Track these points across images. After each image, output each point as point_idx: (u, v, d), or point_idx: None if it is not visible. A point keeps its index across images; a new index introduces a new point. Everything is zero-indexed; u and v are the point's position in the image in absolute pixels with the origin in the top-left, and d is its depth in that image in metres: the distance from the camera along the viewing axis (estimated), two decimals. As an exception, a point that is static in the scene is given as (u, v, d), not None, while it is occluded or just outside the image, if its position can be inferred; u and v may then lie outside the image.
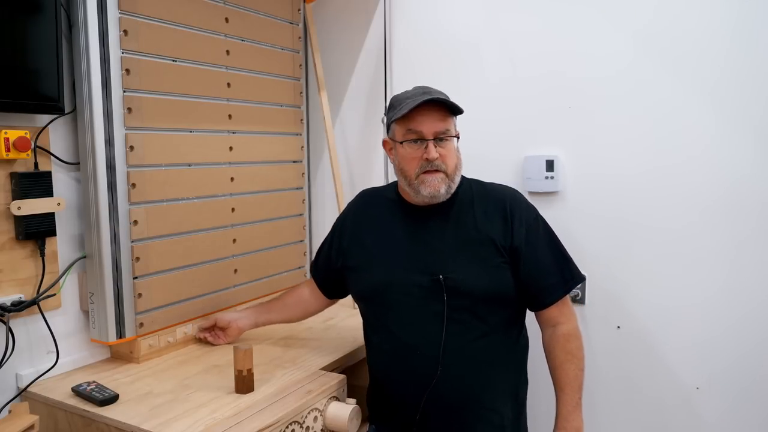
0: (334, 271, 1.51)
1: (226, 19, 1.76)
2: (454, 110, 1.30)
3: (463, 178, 1.40)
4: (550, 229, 1.39)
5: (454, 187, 1.33)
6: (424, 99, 1.26)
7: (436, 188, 1.29)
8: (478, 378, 1.30)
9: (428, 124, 1.28)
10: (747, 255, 1.57)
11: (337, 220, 1.56)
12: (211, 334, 1.65)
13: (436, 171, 1.29)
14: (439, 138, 1.29)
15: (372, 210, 1.46)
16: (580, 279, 1.37)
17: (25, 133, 1.33)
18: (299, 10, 2.06)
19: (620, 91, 1.69)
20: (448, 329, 1.27)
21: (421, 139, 1.29)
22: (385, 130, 1.41)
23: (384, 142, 1.41)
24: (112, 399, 1.28)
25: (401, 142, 1.32)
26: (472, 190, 1.38)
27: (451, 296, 1.28)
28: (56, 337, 1.42)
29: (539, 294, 1.33)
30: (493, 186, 1.42)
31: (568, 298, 1.37)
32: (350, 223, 1.49)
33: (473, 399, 1.29)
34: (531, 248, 1.32)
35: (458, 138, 1.35)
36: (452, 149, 1.32)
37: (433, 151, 1.28)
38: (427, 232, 1.35)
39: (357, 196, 1.55)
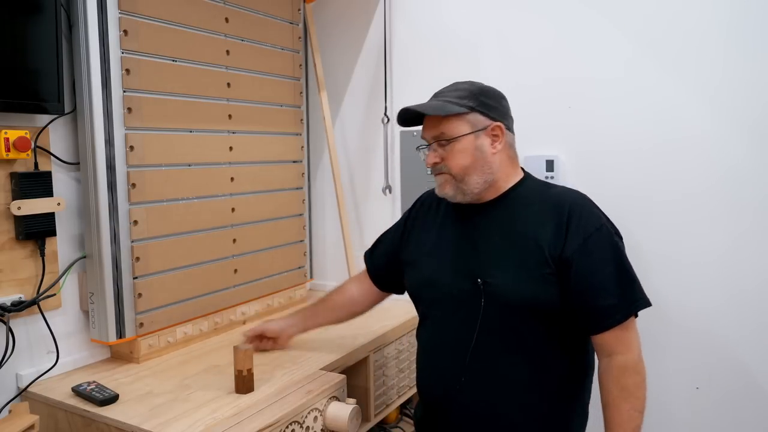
0: (396, 262, 1.45)
1: (226, 19, 1.76)
2: (447, 112, 1.23)
3: (528, 176, 1.31)
4: (617, 243, 1.21)
5: (468, 189, 1.25)
6: (402, 108, 1.28)
7: (443, 190, 1.27)
8: (504, 394, 1.21)
9: (427, 130, 1.28)
10: (748, 254, 1.57)
11: (406, 211, 1.51)
12: (262, 344, 1.58)
13: (440, 173, 1.27)
14: (439, 142, 1.26)
15: (433, 206, 1.43)
16: (645, 304, 1.18)
17: (25, 133, 1.33)
18: (299, 10, 2.06)
19: (620, 91, 1.69)
20: (479, 337, 1.20)
21: (429, 144, 1.29)
22: None
23: None
24: (112, 399, 1.28)
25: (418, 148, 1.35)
26: (534, 190, 1.28)
27: (488, 302, 1.20)
28: (56, 337, 1.42)
29: (593, 315, 1.17)
30: (558, 189, 1.28)
31: (632, 324, 1.18)
32: (413, 218, 1.46)
33: (497, 414, 1.21)
34: (586, 260, 1.16)
35: (499, 133, 1.25)
36: (455, 151, 1.23)
37: (430, 157, 1.27)
38: (475, 231, 1.29)
39: (425, 192, 1.50)
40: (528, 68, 1.83)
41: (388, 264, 1.49)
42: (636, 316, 1.20)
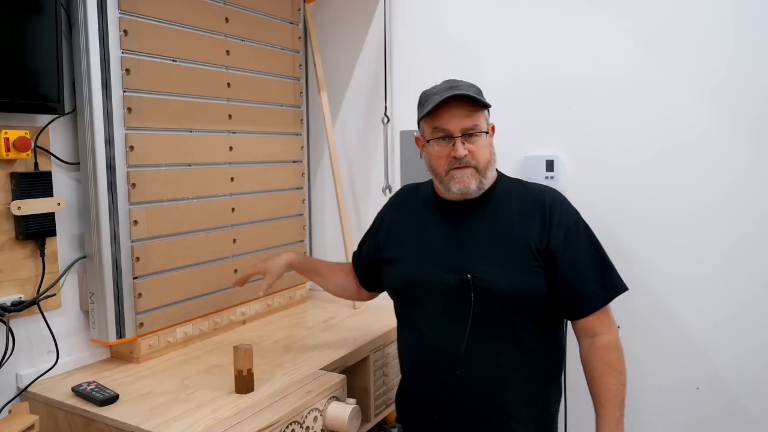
0: (373, 264, 1.48)
1: (226, 19, 1.76)
2: (483, 105, 1.26)
3: (502, 175, 1.35)
4: (593, 234, 1.30)
5: (486, 182, 1.28)
6: (447, 95, 1.22)
7: (466, 184, 1.25)
8: (500, 383, 1.25)
9: (455, 121, 1.24)
10: (747, 255, 1.57)
11: (377, 214, 1.53)
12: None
13: (466, 166, 1.25)
14: (468, 134, 1.24)
15: (409, 205, 1.44)
16: (622, 289, 1.28)
17: (25, 133, 1.33)
18: (299, 10, 2.06)
19: (620, 92, 1.69)
20: (473, 330, 1.23)
21: (449, 137, 1.25)
22: (417, 126, 1.36)
23: (416, 139, 1.38)
24: (112, 399, 1.28)
25: (428, 141, 1.28)
26: (511, 188, 1.33)
27: (478, 296, 1.23)
28: (56, 337, 1.42)
29: (577, 301, 1.25)
30: (535, 186, 1.35)
31: (609, 308, 1.28)
32: (388, 218, 1.47)
33: (493, 404, 1.25)
34: (569, 252, 1.24)
35: (492, 132, 1.31)
36: (483, 144, 1.26)
37: (461, 149, 1.23)
38: (460, 228, 1.31)
39: (398, 191, 1.53)
40: (528, 68, 1.82)
41: (369, 267, 1.51)
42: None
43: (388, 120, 2.10)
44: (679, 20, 1.60)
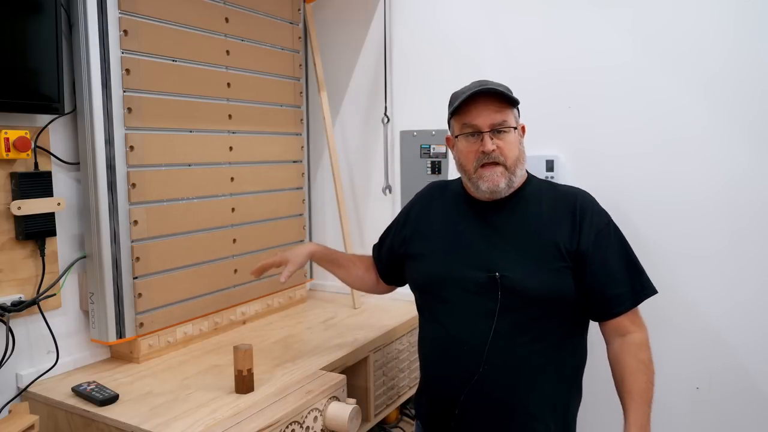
0: (396, 258, 1.48)
1: (226, 19, 1.76)
2: (511, 101, 1.26)
3: (532, 176, 1.36)
4: (623, 236, 1.30)
5: (516, 180, 1.29)
6: (474, 90, 1.23)
7: (495, 183, 1.25)
8: (523, 382, 1.24)
9: (483, 117, 1.25)
10: (747, 253, 1.57)
11: (403, 208, 1.53)
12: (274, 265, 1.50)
13: (495, 164, 1.25)
14: (497, 130, 1.25)
15: (438, 202, 1.43)
16: (651, 292, 1.28)
17: (25, 133, 1.33)
18: (299, 10, 2.06)
19: (620, 92, 1.70)
20: (498, 328, 1.23)
21: (477, 132, 1.26)
22: (447, 127, 1.38)
23: (447, 139, 1.38)
24: (112, 399, 1.28)
25: (457, 137, 1.30)
26: (541, 189, 1.34)
27: (505, 295, 1.23)
28: (56, 337, 1.42)
29: (606, 303, 1.26)
30: (565, 187, 1.36)
31: (638, 308, 1.28)
32: (415, 213, 1.46)
33: (516, 403, 1.25)
34: (600, 254, 1.25)
35: (522, 130, 1.32)
36: (511, 141, 1.26)
37: (489, 144, 1.23)
38: (489, 227, 1.31)
39: (426, 187, 1.52)
40: (528, 68, 1.82)
41: (392, 261, 1.51)
42: None
43: (388, 120, 2.10)
44: (679, 15, 1.60)
